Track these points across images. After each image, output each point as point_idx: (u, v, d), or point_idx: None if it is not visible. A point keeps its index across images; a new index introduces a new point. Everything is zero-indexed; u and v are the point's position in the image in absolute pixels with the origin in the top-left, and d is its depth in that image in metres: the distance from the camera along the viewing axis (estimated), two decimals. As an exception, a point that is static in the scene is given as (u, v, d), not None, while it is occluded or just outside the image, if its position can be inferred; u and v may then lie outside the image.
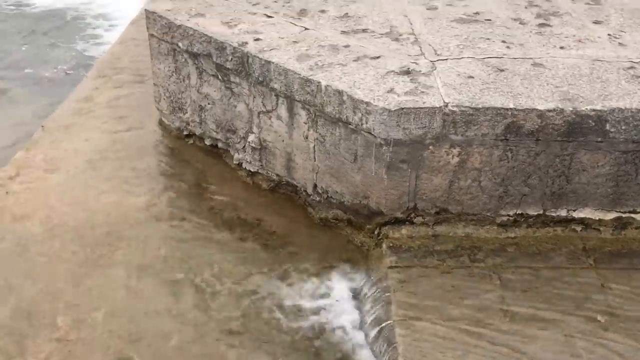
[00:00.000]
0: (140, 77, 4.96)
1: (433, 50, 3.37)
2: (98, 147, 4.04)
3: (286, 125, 3.40)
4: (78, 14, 8.22)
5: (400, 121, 2.82)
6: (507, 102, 2.84)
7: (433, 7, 4.02)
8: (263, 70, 3.36)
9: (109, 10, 8.26)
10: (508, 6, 4.02)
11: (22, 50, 7.10)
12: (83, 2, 8.53)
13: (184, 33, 3.77)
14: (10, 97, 5.90)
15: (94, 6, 8.41)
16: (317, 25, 3.76)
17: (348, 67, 3.21)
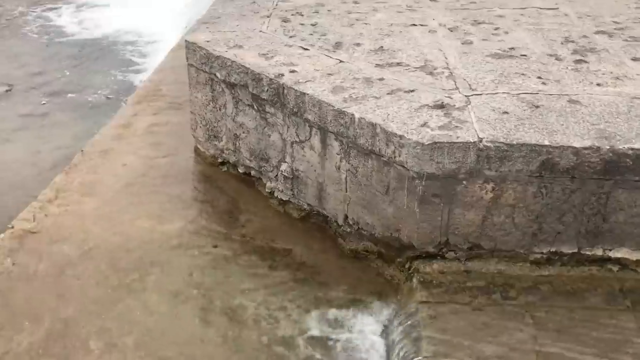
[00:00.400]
0: (178, 105, 5.08)
1: (468, 84, 3.37)
2: (134, 172, 4.13)
3: (319, 155, 3.43)
4: (119, 42, 8.49)
5: (434, 155, 2.83)
6: (542, 139, 2.81)
7: (468, 41, 4.04)
8: (298, 101, 3.41)
9: (148, 39, 8.51)
10: (544, 42, 4.02)
11: (65, 76, 7.35)
12: (124, 31, 8.82)
13: (222, 64, 3.86)
14: (52, 121, 6.10)
15: (135, 35, 8.68)
16: (352, 58, 3.81)
17: (382, 100, 3.23)
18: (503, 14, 4.68)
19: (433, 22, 4.46)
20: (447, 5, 4.90)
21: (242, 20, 4.52)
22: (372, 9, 4.83)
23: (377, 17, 4.63)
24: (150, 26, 8.85)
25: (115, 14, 9.61)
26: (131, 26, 9.01)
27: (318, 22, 4.49)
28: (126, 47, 8.30)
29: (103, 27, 9.02)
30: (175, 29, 8.13)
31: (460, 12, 4.74)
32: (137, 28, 8.95)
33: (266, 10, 4.79)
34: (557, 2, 4.97)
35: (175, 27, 8.26)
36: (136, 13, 9.56)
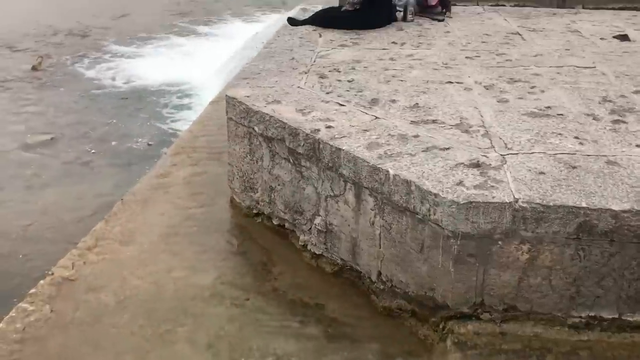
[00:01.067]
0: (216, 156, 5.19)
1: (503, 143, 3.38)
2: (171, 222, 4.21)
3: (353, 210, 3.44)
4: (161, 93, 8.79)
5: (469, 215, 2.82)
6: (579, 201, 2.78)
7: (504, 99, 4.07)
8: (333, 156, 3.46)
9: (189, 91, 8.79)
10: (581, 101, 4.01)
11: (107, 125, 7.62)
12: (166, 82, 9.14)
13: (261, 118, 3.96)
14: (94, 168, 6.30)
15: (176, 86, 8.98)
16: (388, 114, 3.86)
17: (417, 157, 3.25)
18: (539, 72, 4.71)
19: (469, 80, 4.51)
20: (482, 63, 4.95)
21: (281, 76, 4.65)
22: (408, 66, 4.92)
23: (413, 74, 4.70)
24: (192, 78, 9.16)
25: (158, 66, 9.99)
26: (173, 78, 9.33)
27: (355, 79, 4.58)
28: (167, 98, 8.58)
29: (145, 78, 9.37)
30: (215, 81, 8.39)
31: (496, 70, 4.78)
32: (178, 79, 9.26)
33: (304, 66, 4.92)
34: (594, 61, 4.98)
35: (215, 79, 8.53)
36: (178, 65, 9.93)
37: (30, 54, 10.49)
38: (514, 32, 6.07)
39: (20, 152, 6.70)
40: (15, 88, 8.90)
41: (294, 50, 5.44)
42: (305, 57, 5.19)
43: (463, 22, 6.61)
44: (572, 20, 6.71)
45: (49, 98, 8.54)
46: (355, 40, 5.81)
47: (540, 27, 6.30)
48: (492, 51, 5.33)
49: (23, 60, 10.15)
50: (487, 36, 5.91)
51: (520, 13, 7.14)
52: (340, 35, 5.96)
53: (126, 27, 12.56)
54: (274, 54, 5.34)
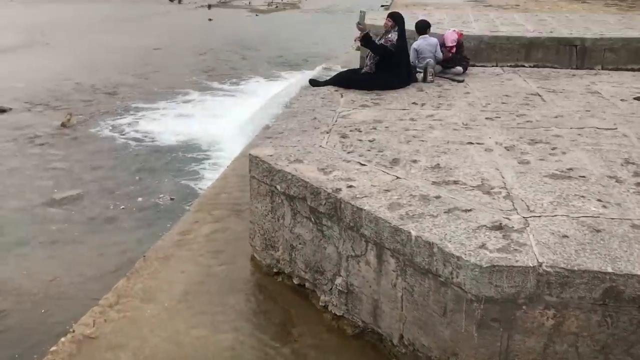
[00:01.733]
0: (237, 213, 5.23)
1: (525, 206, 3.37)
2: (192, 280, 4.22)
3: (374, 271, 3.43)
4: (185, 150, 8.95)
5: (492, 278, 2.79)
6: (604, 266, 2.74)
7: (525, 161, 4.08)
8: (354, 216, 3.47)
9: (214, 148, 8.94)
10: (603, 163, 4.01)
11: (132, 181, 7.74)
12: (190, 139, 9.31)
13: (283, 177, 4.01)
14: (118, 224, 6.37)
15: (201, 143, 9.14)
16: (409, 174, 3.89)
17: (439, 218, 3.25)
18: (560, 133, 4.72)
19: (489, 141, 4.54)
20: (502, 124, 4.99)
21: (303, 136, 4.72)
22: (429, 126, 4.97)
23: (433, 134, 4.75)
24: (216, 135, 9.33)
25: (183, 122, 10.20)
26: (197, 134, 9.51)
27: (375, 139, 4.64)
28: (191, 154, 8.72)
29: (170, 135, 9.55)
30: (238, 138, 8.53)
31: (517, 130, 4.81)
32: (202, 136, 9.43)
33: (326, 126, 5.00)
34: (616, 123, 4.99)
35: (238, 136, 8.68)
36: (202, 122, 10.13)
37: (60, 111, 10.81)
38: (533, 93, 6.13)
39: (46, 207, 6.83)
40: (45, 144, 9.15)
41: (316, 110, 5.54)
42: (327, 116, 5.28)
43: (483, 82, 6.70)
44: (591, 81, 6.76)
45: (76, 154, 8.74)
46: (376, 100, 5.91)
47: (560, 88, 6.35)
48: (512, 112, 5.38)
49: (53, 117, 10.46)
50: (507, 97, 5.97)
51: (539, 74, 7.22)
52: (362, 96, 6.07)
53: (152, 85, 12.92)
54: (297, 113, 5.45)
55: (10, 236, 6.14)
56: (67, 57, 16.36)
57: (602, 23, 10.70)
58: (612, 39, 8.96)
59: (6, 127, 10.06)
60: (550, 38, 9.19)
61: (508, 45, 9.16)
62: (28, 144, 9.25)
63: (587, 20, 11.12)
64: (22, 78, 13.56)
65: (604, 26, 10.19)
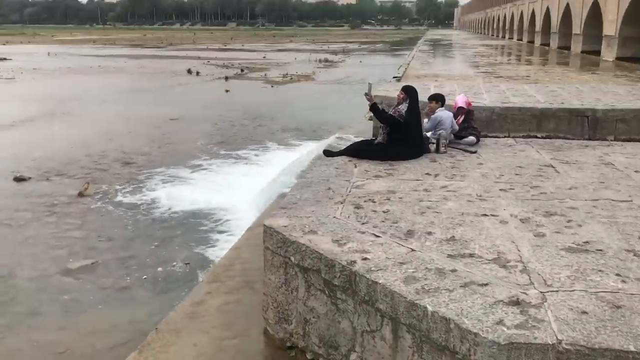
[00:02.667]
0: (250, 284, 5.20)
1: (543, 280, 3.32)
2: (204, 353, 4.15)
3: (390, 347, 3.36)
4: (200, 218, 9.01)
5: (511, 356, 2.72)
6: (626, 344, 2.67)
7: (540, 233, 4.05)
8: (369, 290, 3.44)
9: (228, 216, 8.99)
10: (620, 236, 3.97)
11: (147, 250, 7.77)
12: (205, 207, 9.39)
13: (297, 248, 4.00)
14: (132, 294, 6.35)
15: (215, 212, 9.21)
16: (424, 247, 3.87)
17: (455, 293, 3.21)
18: (575, 205, 4.71)
19: (504, 213, 4.53)
20: (517, 196, 4.99)
21: (317, 206, 4.75)
22: (443, 197, 4.99)
23: (447, 205, 4.76)
24: (230, 203, 9.40)
25: (198, 191, 10.32)
26: (212, 203, 9.59)
27: (390, 209, 4.65)
28: (206, 223, 8.77)
29: (185, 204, 9.65)
30: (252, 207, 8.59)
31: (531, 202, 4.81)
32: (217, 204, 9.51)
33: (340, 196, 5.03)
34: (631, 195, 4.98)
35: (253, 205, 8.74)
36: (218, 190, 10.24)
37: (77, 180, 11.02)
38: (547, 165, 6.16)
39: (60, 277, 6.85)
40: (61, 213, 9.28)
41: (330, 180, 5.59)
42: (341, 187, 5.33)
43: (495, 153, 6.75)
44: (604, 152, 6.79)
45: (92, 223, 8.84)
46: (389, 171, 5.96)
47: (573, 160, 6.38)
48: (526, 183, 5.39)
49: (70, 186, 10.65)
50: (521, 168, 6.00)
51: (552, 145, 7.27)
52: (375, 166, 6.14)
53: (168, 154, 13.19)
54: (311, 183, 5.50)
55: (22, 306, 6.13)
56: (86, 126, 16.83)
57: (612, 94, 10.83)
58: (624, 110, 9.03)
59: (24, 196, 10.23)
60: (562, 109, 9.28)
61: (520, 116, 9.25)
62: (45, 213, 9.37)
63: (597, 91, 11.27)
64: (42, 147, 13.92)
65: (614, 97, 10.30)
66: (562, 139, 8.05)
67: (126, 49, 60.15)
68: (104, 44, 68.90)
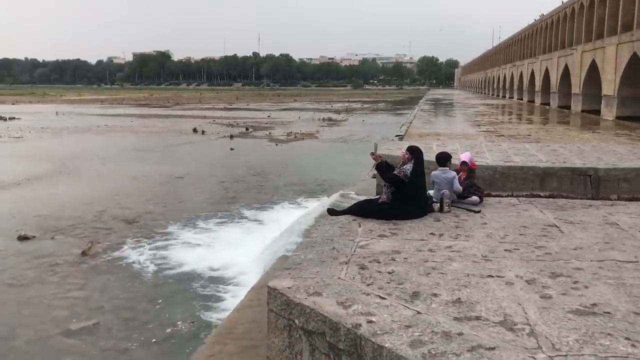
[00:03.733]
0: (253, 347, 5.13)
1: (551, 344, 3.28)
2: (206, 419, 4.05)
3: (397, 413, 3.28)
4: (203, 278, 8.94)
5: None
6: (640, 412, 2.61)
7: (547, 295, 4.02)
8: (375, 354, 3.39)
9: (230, 276, 8.93)
10: (627, 298, 3.93)
11: (151, 310, 7.68)
12: (209, 268, 9.33)
13: (301, 311, 3.97)
14: (132, 356, 6.23)
15: (218, 272, 9.14)
16: (430, 309, 3.83)
17: (462, 357, 3.16)
18: (581, 266, 4.69)
19: (510, 274, 4.51)
20: (522, 256, 4.97)
21: (322, 267, 4.73)
22: (448, 258, 4.97)
23: (453, 266, 4.74)
24: (234, 262, 9.35)
25: (202, 250, 10.29)
26: (217, 262, 9.55)
27: (395, 270, 4.63)
28: (210, 284, 8.70)
29: (190, 263, 9.60)
30: (256, 267, 8.54)
31: (537, 263, 4.78)
32: (222, 264, 9.46)
33: (345, 256, 5.02)
34: (637, 256, 4.95)
35: (256, 265, 8.69)
36: (222, 249, 10.20)
37: (81, 239, 11.00)
38: (551, 224, 6.15)
39: (61, 338, 6.75)
40: (64, 272, 9.24)
41: (335, 240, 5.59)
42: (345, 247, 5.32)
43: (499, 213, 6.76)
44: (608, 212, 6.80)
45: (95, 283, 8.78)
46: (393, 230, 5.96)
47: (578, 219, 6.38)
48: (530, 244, 5.38)
49: (74, 245, 10.63)
50: (525, 228, 6.00)
51: (555, 204, 7.28)
52: (379, 225, 6.14)
53: (173, 212, 13.22)
54: (315, 243, 5.49)
55: (22, 368, 6.03)
56: (91, 185, 16.95)
57: (613, 153, 10.93)
58: (625, 169, 9.08)
59: (28, 255, 10.21)
60: (564, 168, 9.35)
61: (522, 174, 9.31)
62: (48, 272, 9.33)
63: (598, 150, 11.37)
64: (47, 205, 13.98)
65: (616, 156, 10.39)
66: (566, 198, 8.07)
67: (133, 108, 61.27)
68: (112, 104, 70.23)
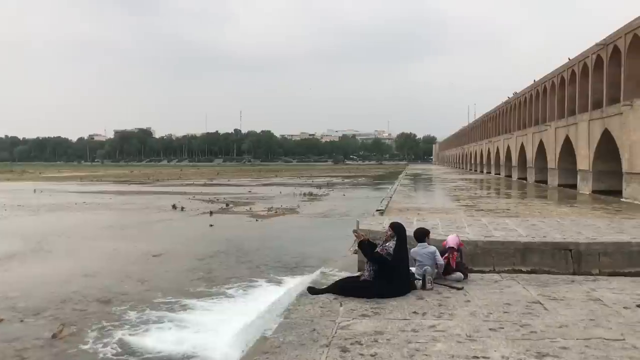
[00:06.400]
0: None
1: None
2: None
3: None
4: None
5: None
6: None
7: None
8: None
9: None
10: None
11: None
12: (185, 351, 8.95)
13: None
14: None
15: (195, 356, 8.76)
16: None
17: None
18: (567, 345, 4.57)
19: (495, 354, 4.38)
20: (507, 335, 4.85)
21: (302, 350, 4.57)
22: (432, 338, 4.83)
23: (437, 347, 4.60)
24: (211, 346, 8.99)
25: (175, 335, 9.88)
26: (192, 347, 9.17)
27: (377, 353, 4.48)
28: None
29: (164, 346, 9.21)
30: (233, 352, 8.20)
31: (522, 342, 4.66)
32: (198, 348, 9.08)
33: (325, 338, 4.86)
34: (623, 333, 4.86)
35: (233, 350, 8.35)
36: (198, 333, 9.83)
37: (53, 321, 10.54)
38: (534, 301, 6.07)
39: None
40: (33, 358, 8.77)
41: (315, 320, 5.44)
42: (326, 328, 5.17)
43: (482, 290, 6.67)
44: (591, 288, 6.74)
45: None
46: (375, 309, 5.83)
47: (561, 296, 6.31)
48: (515, 322, 5.27)
49: (45, 328, 10.15)
50: (508, 305, 5.90)
51: (538, 280, 7.22)
52: (361, 305, 6.01)
53: (148, 293, 12.79)
54: (295, 325, 5.33)
55: None
56: (66, 264, 16.50)
57: (592, 227, 11.00)
58: (605, 243, 9.11)
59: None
60: (545, 242, 9.35)
61: (503, 249, 9.28)
62: (14, 358, 8.86)
63: (578, 225, 11.45)
64: (19, 286, 13.52)
65: (595, 231, 10.45)
66: (548, 274, 8.02)
67: (113, 185, 61.00)
68: (91, 181, 69.89)
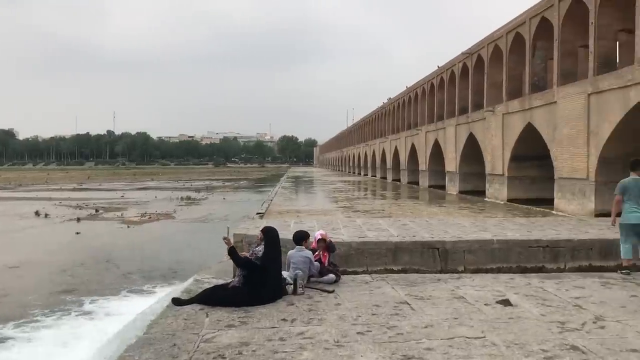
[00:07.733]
0: None
1: None
2: None
3: None
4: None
5: None
6: None
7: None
8: None
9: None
10: (478, 379, 3.82)
11: None
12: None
13: None
14: None
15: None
16: (276, 411, 3.43)
17: None
18: (431, 346, 4.58)
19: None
20: (374, 339, 4.78)
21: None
22: (299, 346, 4.65)
23: (303, 356, 4.42)
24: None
25: (25, 354, 8.98)
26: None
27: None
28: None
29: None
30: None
31: (388, 345, 4.61)
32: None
33: (186, 353, 4.53)
34: (483, 330, 4.97)
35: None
36: (49, 354, 8.96)
37: None
38: (402, 302, 6.09)
39: None
40: None
41: (177, 334, 5.06)
42: (188, 342, 4.82)
43: (353, 292, 6.61)
44: (456, 285, 6.92)
45: None
46: (243, 318, 5.55)
47: (427, 295, 6.40)
48: (383, 324, 5.23)
49: None
50: (377, 307, 5.87)
51: (406, 280, 7.31)
52: (229, 314, 5.71)
53: (1, 309, 11.63)
54: (154, 340, 4.93)
55: None
56: None
57: (458, 226, 11.47)
58: (469, 241, 9.48)
59: None
60: (414, 242, 9.55)
61: (376, 250, 9.36)
62: None
63: (445, 224, 11.90)
64: None
65: (460, 229, 10.88)
66: (417, 272, 8.18)
67: (-33, 190, 55.52)
68: (-59, 186, 63.20)
